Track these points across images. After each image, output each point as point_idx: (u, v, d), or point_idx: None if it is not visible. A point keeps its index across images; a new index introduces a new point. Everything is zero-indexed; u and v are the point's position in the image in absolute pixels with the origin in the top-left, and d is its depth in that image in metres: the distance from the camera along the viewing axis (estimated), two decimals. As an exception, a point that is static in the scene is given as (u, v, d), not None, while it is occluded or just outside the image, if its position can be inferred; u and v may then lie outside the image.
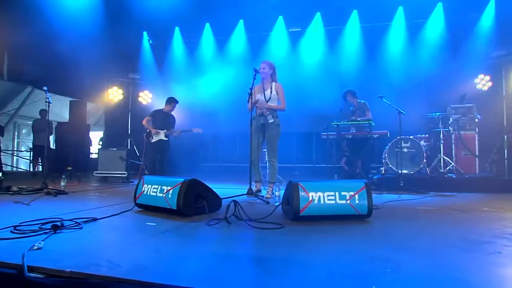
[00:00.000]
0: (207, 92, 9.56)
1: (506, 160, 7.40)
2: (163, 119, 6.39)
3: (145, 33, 10.09)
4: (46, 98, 4.88)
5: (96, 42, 8.43)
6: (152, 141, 6.34)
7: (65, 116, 10.90)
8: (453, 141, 6.20)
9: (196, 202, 3.07)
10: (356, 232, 2.62)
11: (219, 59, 9.72)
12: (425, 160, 5.60)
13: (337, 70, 8.58)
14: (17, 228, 2.38)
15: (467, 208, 3.66)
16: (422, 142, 5.74)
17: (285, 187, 3.18)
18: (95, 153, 10.93)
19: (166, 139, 6.35)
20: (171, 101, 6.52)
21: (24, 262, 1.63)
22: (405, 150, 5.63)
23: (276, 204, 3.83)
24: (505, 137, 7.42)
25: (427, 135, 6.07)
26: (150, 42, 10.14)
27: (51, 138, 8.99)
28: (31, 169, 9.03)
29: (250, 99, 4.53)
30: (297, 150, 9.21)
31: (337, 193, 2.89)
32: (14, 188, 4.78)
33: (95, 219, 2.77)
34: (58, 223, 2.42)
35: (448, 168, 5.85)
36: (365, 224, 2.86)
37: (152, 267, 1.66)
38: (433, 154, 6.03)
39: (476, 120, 6.33)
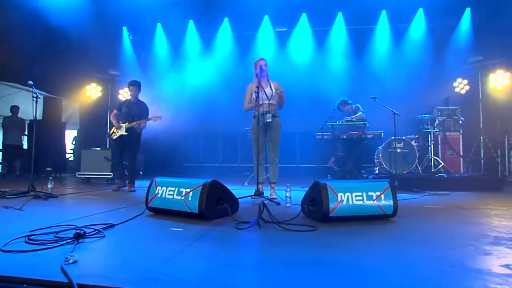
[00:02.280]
0: (190, 90, 9.32)
1: (482, 160, 7.86)
2: (127, 110, 5.37)
3: (124, 28, 9.65)
4: (34, 93, 4.47)
5: (73, 35, 7.93)
6: (113, 137, 5.40)
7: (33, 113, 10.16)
8: (439, 142, 6.44)
9: (217, 204, 2.92)
10: (389, 232, 2.61)
11: (204, 57, 9.49)
12: (417, 160, 5.77)
13: (323, 71, 8.69)
14: (30, 238, 2.11)
15: (471, 206, 3.78)
16: (412, 143, 5.91)
17: (309, 187, 3.11)
18: (69, 153, 10.34)
19: (127, 133, 5.31)
20: (133, 85, 5.42)
21: (72, 280, 1.43)
22: (399, 150, 5.77)
23: (287, 205, 3.77)
24: (481, 138, 7.87)
25: (416, 136, 6.26)
26: (130, 37, 9.73)
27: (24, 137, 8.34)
28: (1, 170, 8.31)
29: (255, 97, 4.38)
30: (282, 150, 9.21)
31: (364, 194, 2.87)
32: (-5, 192, 4.35)
33: (112, 225, 2.55)
34: (78, 231, 2.17)
35: (438, 167, 6.07)
36: (391, 224, 2.86)
37: (222, 278, 1.52)
38: (422, 155, 6.23)
39: (460, 121, 6.62)
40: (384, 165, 5.81)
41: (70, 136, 11.02)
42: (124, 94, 9.41)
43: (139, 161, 9.09)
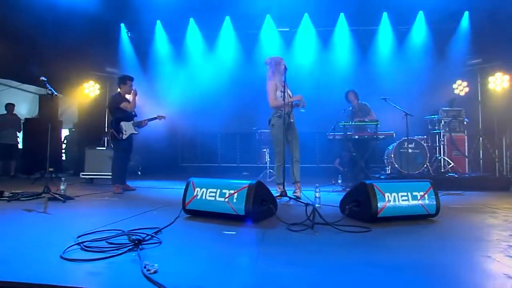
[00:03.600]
0: (190, 89, 9.19)
1: (481, 160, 8.06)
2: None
3: (122, 25, 9.40)
4: (49, 89, 4.25)
5: (70, 30, 7.67)
6: (123, 137, 5.10)
7: (24, 112, 9.77)
8: (445, 142, 6.56)
9: (261, 205, 2.85)
10: (438, 230, 2.61)
11: (205, 56, 9.36)
12: (427, 161, 5.86)
13: (326, 71, 8.73)
14: (85, 245, 1.97)
15: (497, 206, 3.84)
16: (422, 143, 5.99)
17: (353, 188, 3.08)
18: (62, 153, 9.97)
19: (137, 132, 5.22)
20: (126, 80, 5.17)
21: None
22: (410, 150, 5.84)
23: (317, 205, 3.73)
24: (480, 139, 8.08)
25: (425, 137, 6.35)
26: (129, 34, 9.48)
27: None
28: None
29: (284, 96, 4.32)
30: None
31: (409, 194, 2.87)
32: (6, 194, 4.11)
33: (160, 230, 2.43)
34: (137, 237, 2.05)
35: (447, 168, 6.18)
36: (435, 223, 2.86)
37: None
38: (430, 155, 6.33)
39: (465, 123, 6.77)
40: (396, 165, 5.86)
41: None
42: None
43: (137, 161, 8.89)
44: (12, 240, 2.17)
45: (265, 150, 7.12)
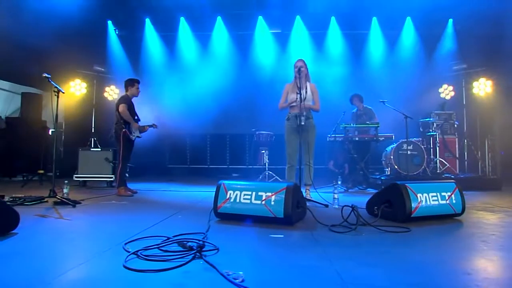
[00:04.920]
0: (179, 91, 9.00)
1: (466, 162, 8.46)
2: (133, 109, 5.10)
3: (109, 22, 9.07)
4: (55, 87, 4.01)
5: (54, 26, 7.34)
6: (132, 138, 5.00)
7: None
8: (439, 144, 6.81)
9: (297, 207, 2.82)
10: (469, 229, 2.69)
11: (197, 56, 9.22)
12: (425, 162, 6.06)
13: (320, 74, 8.82)
14: (141, 253, 1.85)
15: (504, 205, 4.03)
16: (420, 145, 6.19)
17: (381, 189, 3.12)
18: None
19: (141, 136, 5.19)
20: (134, 82, 5.13)
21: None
22: (409, 152, 6.02)
23: (335, 207, 3.76)
24: (465, 141, 8.47)
25: (420, 139, 6.57)
26: (117, 32, 9.16)
27: None
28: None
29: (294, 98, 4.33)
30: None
31: (438, 194, 2.95)
32: (7, 198, 3.83)
33: (205, 235, 2.34)
34: (189, 244, 1.96)
35: (443, 169, 6.42)
36: (461, 222, 2.95)
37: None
38: (428, 157, 6.54)
39: (456, 125, 7.08)
40: (396, 167, 6.02)
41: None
42: (111, 92, 8.86)
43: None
44: (53, 251, 2.02)
45: (263, 151, 7.07)
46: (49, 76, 4.05)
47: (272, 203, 2.71)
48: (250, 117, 8.86)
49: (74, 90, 8.37)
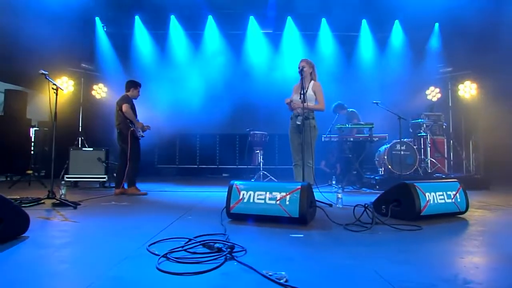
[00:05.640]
0: (169, 90, 8.89)
1: (451, 161, 8.74)
2: (135, 111, 5.16)
3: (97, 19, 8.85)
4: (53, 84, 3.87)
5: (42, 22, 7.12)
6: (139, 136, 5.10)
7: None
8: (429, 145, 7.01)
9: (310, 207, 2.84)
10: (479, 225, 2.78)
11: (188, 55, 9.12)
12: (417, 162, 6.22)
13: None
14: (171, 256, 1.80)
15: (500, 203, 4.19)
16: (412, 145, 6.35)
17: (390, 189, 3.18)
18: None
19: (144, 135, 5.22)
20: (137, 85, 5.24)
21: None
22: (402, 152, 6.16)
23: (339, 206, 3.81)
24: (451, 142, 8.76)
25: (412, 139, 6.74)
26: (105, 29, 8.94)
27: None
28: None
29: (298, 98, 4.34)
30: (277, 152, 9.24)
31: (444, 193, 3.04)
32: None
33: (224, 234, 2.32)
34: (219, 245, 1.93)
35: (434, 169, 6.62)
36: (465, 219, 3.06)
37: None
38: (420, 157, 6.71)
39: (444, 126, 7.31)
40: (390, 166, 6.15)
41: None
42: (99, 90, 8.64)
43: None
44: (77, 256, 1.95)
45: (258, 151, 7.07)
46: (46, 73, 3.89)
47: (287, 203, 2.72)
48: (240, 117, 8.87)
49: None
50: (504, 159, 7.18)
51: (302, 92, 4.26)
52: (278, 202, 2.74)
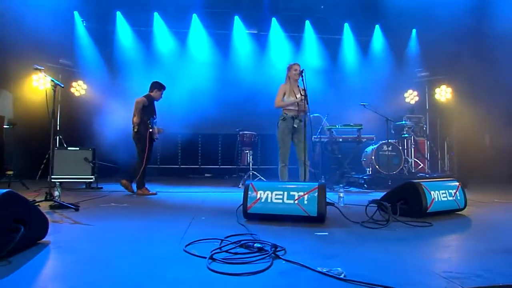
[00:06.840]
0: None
1: (428, 162, 9.20)
2: (154, 111, 5.28)
3: (76, 13, 8.48)
4: (52, 81, 3.68)
5: (18, 16, 6.78)
6: (155, 138, 5.21)
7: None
8: (413, 145, 7.35)
9: (325, 206, 2.91)
10: (478, 220, 2.98)
11: (174, 53, 8.95)
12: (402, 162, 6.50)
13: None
14: (217, 256, 1.79)
15: (483, 200, 4.47)
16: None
17: (396, 188, 3.32)
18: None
19: (158, 138, 5.33)
20: (162, 88, 5.34)
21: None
22: (388, 153, 6.42)
23: (341, 205, 3.92)
24: (428, 143, 9.22)
25: (396, 140, 7.02)
26: (84, 24, 8.59)
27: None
28: None
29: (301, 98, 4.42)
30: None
31: (447, 191, 3.22)
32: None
33: (253, 234, 2.33)
34: (259, 245, 1.94)
35: (417, 168, 6.94)
36: (465, 216, 3.26)
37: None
38: (405, 157, 7.00)
39: (424, 128, 7.69)
40: (377, 167, 6.39)
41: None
42: (78, 87, 8.30)
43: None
44: (121, 261, 1.88)
45: (247, 152, 7.07)
46: (42, 68, 3.70)
47: (305, 202, 2.77)
48: (223, 117, 8.80)
49: (37, 85, 7.71)
50: (476, 158, 7.67)
51: (304, 94, 4.34)
52: (296, 201, 2.79)
